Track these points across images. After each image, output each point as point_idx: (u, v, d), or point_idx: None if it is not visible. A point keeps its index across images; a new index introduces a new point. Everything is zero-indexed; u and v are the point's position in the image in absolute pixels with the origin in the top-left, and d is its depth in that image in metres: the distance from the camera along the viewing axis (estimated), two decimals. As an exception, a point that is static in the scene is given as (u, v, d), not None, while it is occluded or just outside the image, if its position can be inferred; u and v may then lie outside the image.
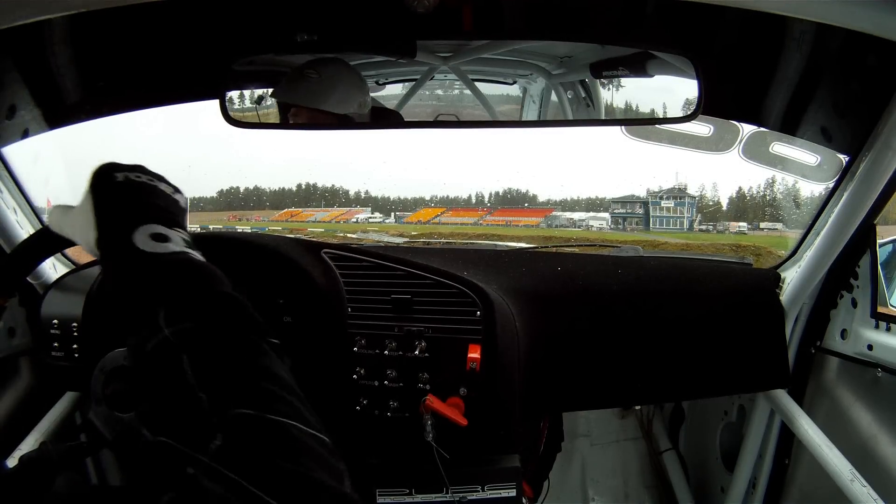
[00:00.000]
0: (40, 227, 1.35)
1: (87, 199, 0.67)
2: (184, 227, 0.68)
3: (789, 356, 1.37)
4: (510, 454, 1.16)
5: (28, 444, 1.23)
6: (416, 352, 1.14)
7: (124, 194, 0.67)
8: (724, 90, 1.24)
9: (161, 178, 0.73)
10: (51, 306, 1.30)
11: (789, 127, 1.27)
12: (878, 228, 1.24)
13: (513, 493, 1.13)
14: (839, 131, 1.16)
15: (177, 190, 0.73)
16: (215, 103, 1.15)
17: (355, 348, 1.16)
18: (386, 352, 1.15)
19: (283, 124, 1.27)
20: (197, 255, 0.65)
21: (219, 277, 0.63)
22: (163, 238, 0.63)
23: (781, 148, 1.33)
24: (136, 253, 0.62)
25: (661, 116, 1.20)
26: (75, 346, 1.26)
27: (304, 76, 1.20)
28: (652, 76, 1.19)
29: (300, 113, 1.24)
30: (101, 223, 0.66)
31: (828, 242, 1.23)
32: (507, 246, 2.12)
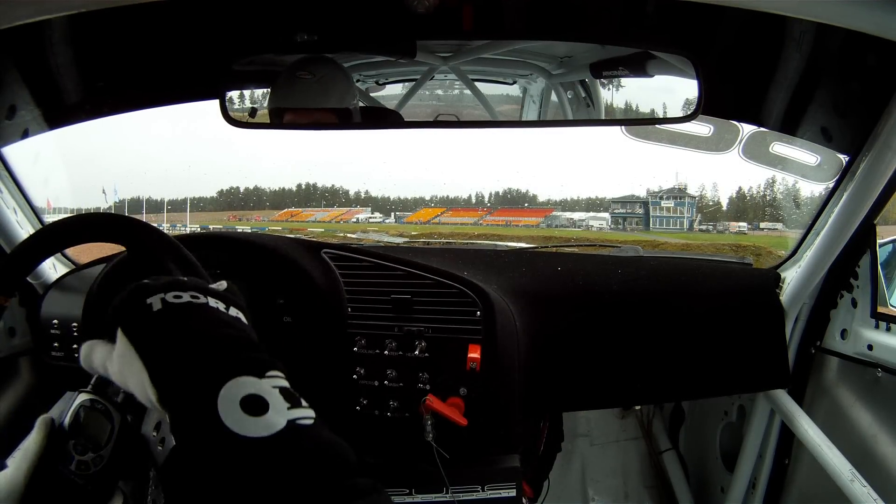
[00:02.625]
0: (40, 227, 1.35)
1: (126, 348, 0.50)
2: (275, 364, 0.50)
3: (789, 356, 1.37)
4: (510, 454, 1.16)
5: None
6: (416, 352, 1.14)
7: (173, 335, 0.49)
8: (724, 90, 1.24)
9: (203, 282, 0.55)
10: (51, 306, 1.30)
11: (789, 127, 1.27)
12: (878, 228, 1.24)
13: (513, 493, 1.13)
14: (839, 131, 1.16)
15: (233, 297, 0.55)
16: (215, 103, 1.15)
17: (355, 348, 1.16)
18: (386, 352, 1.15)
19: (284, 124, 1.27)
20: (309, 414, 0.47)
21: (344, 454, 0.47)
22: (259, 404, 0.45)
23: (781, 148, 1.33)
24: (232, 443, 0.43)
25: (661, 116, 1.20)
26: (75, 346, 1.26)
27: (299, 79, 1.19)
28: (652, 76, 1.19)
29: (301, 114, 1.23)
30: (162, 388, 0.48)
31: (828, 242, 1.23)
32: (507, 246, 2.12)
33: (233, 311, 0.53)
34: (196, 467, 0.45)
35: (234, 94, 1.21)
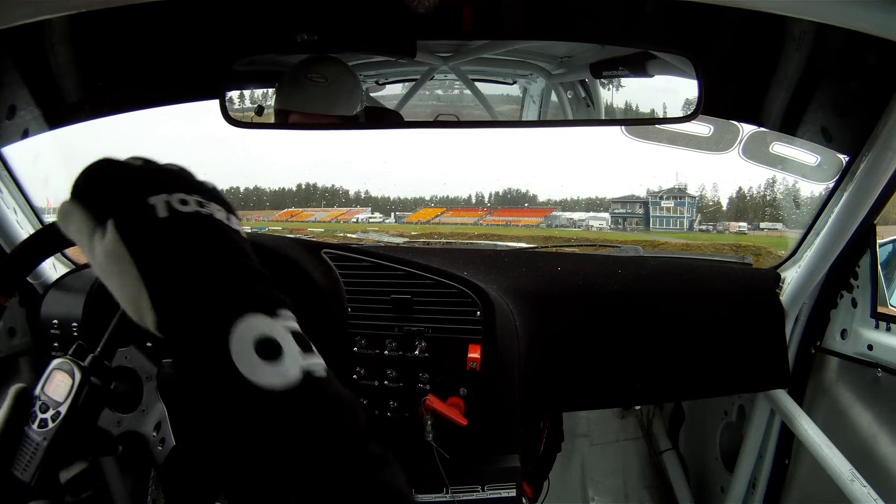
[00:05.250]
0: (40, 227, 1.35)
1: (120, 249, 0.43)
2: (285, 301, 0.47)
3: (789, 356, 1.37)
4: (510, 454, 1.16)
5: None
6: (416, 352, 1.14)
7: (180, 253, 0.43)
8: (724, 90, 1.24)
9: (216, 194, 0.48)
10: (51, 306, 1.30)
11: (789, 127, 1.27)
12: (878, 228, 1.24)
13: (513, 493, 1.13)
14: (839, 131, 1.16)
15: (231, 211, 0.48)
16: (215, 103, 1.15)
17: (355, 348, 1.16)
18: (386, 352, 1.15)
19: (284, 124, 1.26)
20: (321, 363, 0.45)
21: (357, 413, 0.44)
22: (273, 348, 0.42)
23: (781, 148, 1.33)
24: (248, 392, 0.40)
25: (661, 116, 1.20)
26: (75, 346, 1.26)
27: (311, 82, 1.18)
28: (652, 76, 1.19)
29: (306, 116, 1.23)
30: (164, 314, 0.43)
31: (828, 242, 1.23)
32: (507, 246, 2.12)
33: (234, 222, 0.48)
34: (210, 414, 0.43)
35: (234, 94, 1.21)
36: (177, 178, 0.47)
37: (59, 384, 0.62)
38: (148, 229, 0.44)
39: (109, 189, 0.45)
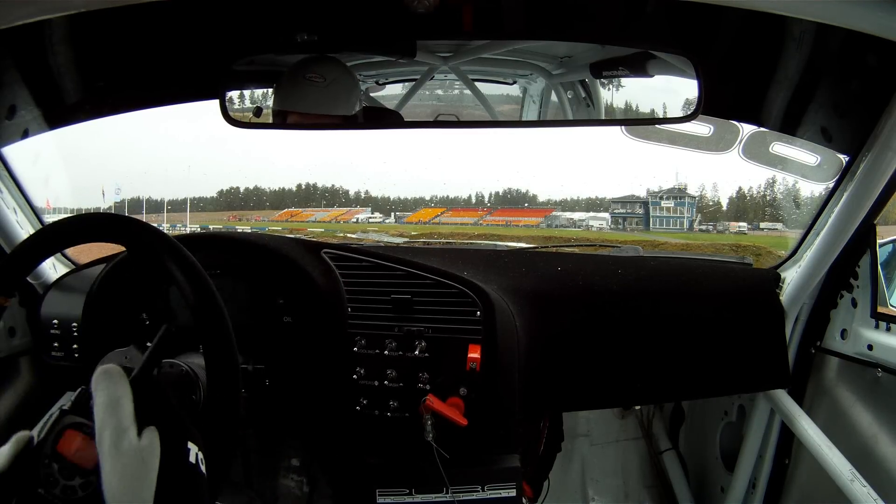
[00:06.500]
0: (40, 227, 1.35)
1: (149, 461, 0.57)
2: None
3: (789, 356, 1.37)
4: (510, 454, 1.16)
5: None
6: (416, 352, 1.14)
7: (193, 492, 0.60)
8: (724, 90, 1.24)
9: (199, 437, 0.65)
10: (51, 306, 1.30)
11: (789, 127, 1.27)
12: (878, 228, 1.24)
13: (513, 493, 1.13)
14: (839, 131, 1.16)
15: None
16: (216, 103, 1.15)
17: (355, 348, 1.16)
18: (386, 352, 1.15)
19: (283, 124, 1.26)
20: None
21: None
22: None
23: (781, 148, 1.33)
24: None
25: (661, 116, 1.20)
26: (75, 346, 1.26)
27: (309, 82, 1.17)
28: (652, 76, 1.19)
29: (305, 116, 1.22)
30: None
31: (828, 242, 1.23)
32: (507, 246, 2.12)
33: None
34: None
35: (234, 94, 1.21)
36: (197, 440, 0.63)
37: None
38: (179, 463, 0.59)
39: (167, 409, 0.62)
